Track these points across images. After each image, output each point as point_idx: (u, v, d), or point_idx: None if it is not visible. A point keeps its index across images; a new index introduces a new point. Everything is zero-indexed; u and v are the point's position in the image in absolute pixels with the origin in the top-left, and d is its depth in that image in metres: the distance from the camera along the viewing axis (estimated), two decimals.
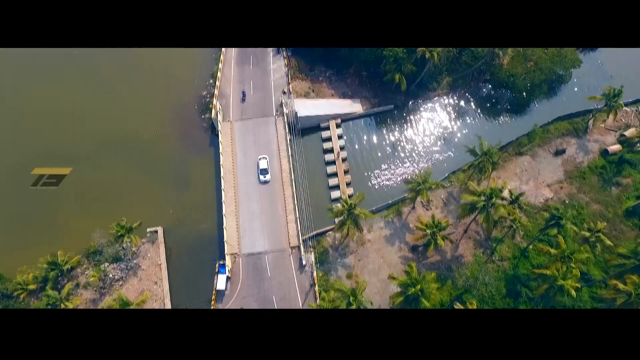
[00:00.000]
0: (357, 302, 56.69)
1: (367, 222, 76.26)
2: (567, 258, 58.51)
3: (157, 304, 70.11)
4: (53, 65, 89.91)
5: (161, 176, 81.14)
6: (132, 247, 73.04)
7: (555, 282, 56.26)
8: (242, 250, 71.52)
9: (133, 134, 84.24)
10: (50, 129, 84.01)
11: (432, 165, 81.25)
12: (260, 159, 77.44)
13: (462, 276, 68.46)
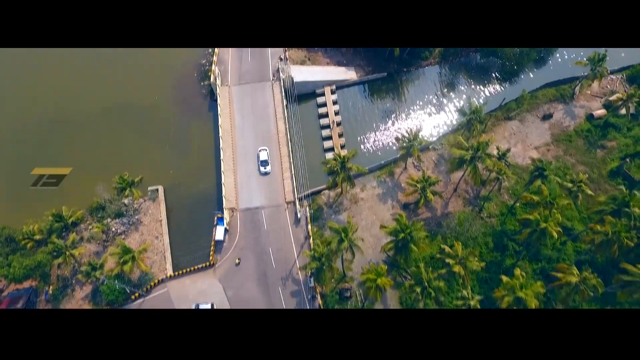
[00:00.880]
0: (348, 240, 59.44)
1: (360, 182, 79.14)
2: (550, 204, 61.28)
3: (157, 257, 72.83)
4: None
5: (162, 140, 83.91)
6: (134, 202, 75.90)
7: (538, 225, 59.01)
8: (240, 205, 74.34)
9: (135, 101, 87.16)
10: (55, 96, 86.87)
11: (423, 129, 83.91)
12: (261, 150, 77.73)
13: (450, 224, 71.27)
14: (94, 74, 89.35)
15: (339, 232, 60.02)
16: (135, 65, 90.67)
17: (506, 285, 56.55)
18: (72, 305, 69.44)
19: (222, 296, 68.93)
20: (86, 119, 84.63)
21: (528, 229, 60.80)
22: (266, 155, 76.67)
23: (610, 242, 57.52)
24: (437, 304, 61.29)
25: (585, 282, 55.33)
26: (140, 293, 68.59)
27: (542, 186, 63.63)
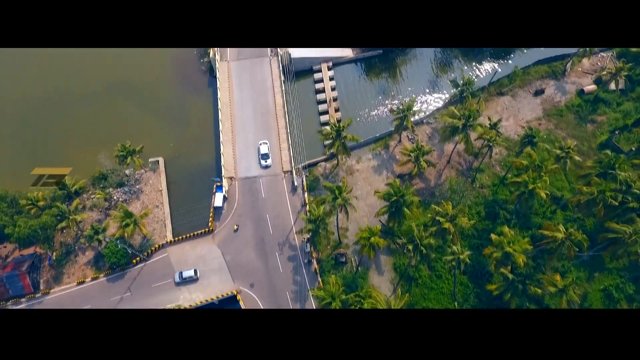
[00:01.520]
0: (342, 198, 61.38)
1: (356, 154, 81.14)
2: (538, 167, 63.23)
3: (158, 225, 74.82)
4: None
5: (162, 114, 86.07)
6: (135, 173, 77.98)
7: (526, 187, 60.97)
8: (238, 174, 76.38)
9: (136, 77, 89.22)
10: (58, 73, 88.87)
11: (417, 102, 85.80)
12: (261, 144, 77.99)
13: (442, 191, 73.30)
14: (96, 52, 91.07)
15: (333, 190, 61.98)
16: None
17: (495, 242, 58.50)
18: (75, 271, 71.51)
19: (221, 260, 70.95)
20: (89, 96, 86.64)
21: (517, 191, 62.71)
22: (267, 149, 76.74)
23: (595, 201, 59.45)
24: (428, 262, 63.29)
25: (570, 238, 57.26)
26: (142, 257, 70.58)
27: (531, 152, 65.54)
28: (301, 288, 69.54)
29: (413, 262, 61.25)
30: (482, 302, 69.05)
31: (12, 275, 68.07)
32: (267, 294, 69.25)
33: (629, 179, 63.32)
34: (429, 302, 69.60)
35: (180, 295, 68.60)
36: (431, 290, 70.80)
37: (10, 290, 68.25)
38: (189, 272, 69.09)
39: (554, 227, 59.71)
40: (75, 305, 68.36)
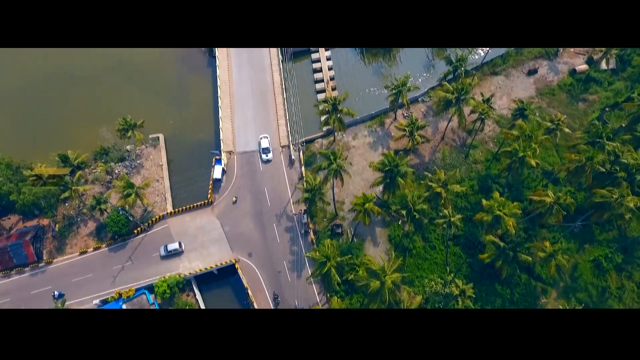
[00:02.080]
0: (337, 164, 63.10)
1: (352, 131, 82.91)
2: (528, 137, 64.98)
3: (158, 198, 76.55)
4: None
5: (163, 93, 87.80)
6: (136, 148, 79.73)
7: (516, 154, 62.73)
8: (237, 148, 78.16)
9: (137, 58, 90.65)
10: (59, 50, 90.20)
11: (412, 80, 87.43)
12: (262, 138, 78.08)
13: (436, 162, 75.09)
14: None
15: (328, 156, 63.70)
16: None
17: (486, 207, 60.27)
18: (78, 241, 73.23)
19: (220, 231, 72.69)
20: (90, 75, 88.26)
21: (508, 160, 64.45)
22: (267, 143, 77.30)
23: (583, 168, 61.15)
24: (421, 230, 64.99)
25: (559, 202, 59.01)
26: (142, 228, 72.32)
27: (522, 123, 67.26)
28: (298, 258, 71.28)
29: (406, 228, 62.99)
30: (474, 272, 70.80)
31: (16, 245, 69.80)
32: (265, 263, 71.02)
33: (617, 149, 65.04)
34: (422, 271, 71.32)
35: (180, 264, 70.35)
36: (425, 261, 72.55)
37: (15, 259, 69.96)
38: (174, 245, 70.34)
39: (543, 193, 61.44)
40: (77, 274, 70.14)
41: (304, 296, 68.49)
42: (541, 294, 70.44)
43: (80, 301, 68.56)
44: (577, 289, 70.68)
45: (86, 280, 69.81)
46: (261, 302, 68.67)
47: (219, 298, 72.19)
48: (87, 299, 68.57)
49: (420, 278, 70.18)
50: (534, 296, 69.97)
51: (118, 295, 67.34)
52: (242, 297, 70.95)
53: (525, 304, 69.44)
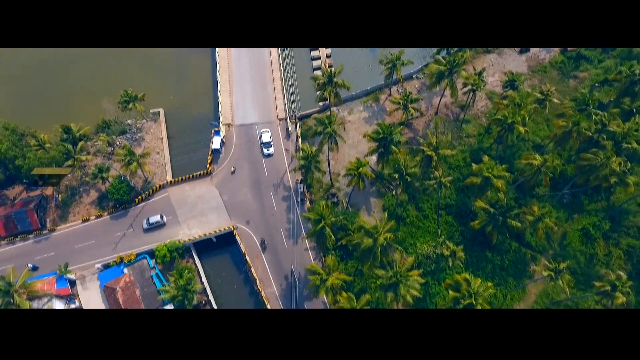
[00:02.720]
0: (332, 128, 65.11)
1: (347, 106, 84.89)
2: (518, 105, 67.00)
3: (159, 170, 78.51)
4: None
5: (163, 69, 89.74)
6: (137, 122, 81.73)
7: (506, 121, 64.79)
8: (235, 121, 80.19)
9: None
10: None
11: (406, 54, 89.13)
12: (263, 132, 78.34)
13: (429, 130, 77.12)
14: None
15: (323, 121, 65.68)
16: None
17: (475, 170, 62.33)
18: (80, 210, 75.23)
19: (219, 200, 74.72)
20: (94, 51, 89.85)
21: (498, 127, 66.47)
22: (269, 137, 77.63)
23: (570, 133, 63.16)
24: (413, 196, 66.99)
25: (546, 164, 61.06)
26: (143, 197, 74.33)
27: (512, 93, 69.25)
28: (294, 226, 73.31)
29: (398, 191, 64.98)
30: (465, 239, 72.71)
31: (20, 212, 71.82)
32: (262, 230, 73.08)
33: (604, 118, 67.08)
34: (415, 239, 73.24)
35: (180, 231, 72.37)
36: (418, 229, 74.53)
37: (19, 226, 71.95)
38: (155, 217, 71.78)
39: (530, 157, 63.53)
40: (79, 241, 72.10)
41: (300, 261, 70.50)
42: (531, 261, 72.43)
43: (83, 266, 70.60)
44: (566, 256, 72.49)
45: (88, 247, 71.81)
46: (258, 267, 70.73)
47: (217, 265, 74.27)
48: (90, 264, 70.60)
49: (413, 245, 72.16)
50: (523, 262, 71.95)
51: (120, 260, 69.34)
52: (240, 264, 73.06)
53: (515, 270, 71.47)
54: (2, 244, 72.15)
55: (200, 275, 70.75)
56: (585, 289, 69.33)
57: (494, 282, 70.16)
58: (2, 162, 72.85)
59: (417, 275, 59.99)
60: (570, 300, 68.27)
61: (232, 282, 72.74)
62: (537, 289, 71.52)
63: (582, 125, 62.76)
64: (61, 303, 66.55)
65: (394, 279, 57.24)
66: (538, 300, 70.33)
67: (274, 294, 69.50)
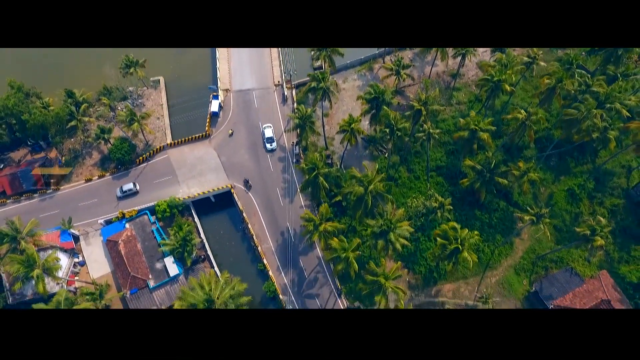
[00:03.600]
0: (324, 83, 67.73)
1: (342, 75, 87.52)
2: (504, 66, 69.65)
3: (159, 134, 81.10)
4: None
5: None
6: (137, 89, 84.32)
7: (492, 79, 67.47)
8: (233, 87, 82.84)
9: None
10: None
11: None
12: (265, 127, 79.07)
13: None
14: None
15: (317, 77, 68.29)
16: None
17: (462, 124, 65.01)
18: (83, 171, 77.85)
19: (217, 161, 77.38)
20: None
21: (486, 87, 69.11)
22: (271, 132, 78.28)
23: (554, 89, 65.77)
24: (403, 151, 69.66)
25: (530, 118, 63.70)
26: (144, 158, 76.94)
27: (499, 55, 71.86)
28: (290, 185, 75.96)
29: (389, 146, 67.55)
30: (455, 198, 75.08)
31: (25, 171, 74.47)
32: (259, 189, 75.74)
33: (588, 79, 69.70)
34: (407, 199, 75.85)
35: (179, 189, 75.00)
36: (410, 190, 77.14)
37: (24, 185, 74.55)
38: (128, 185, 73.86)
39: (516, 111, 66.18)
40: (83, 199, 74.71)
41: (295, 219, 73.09)
42: (518, 220, 75.05)
43: (87, 223, 73.21)
44: (552, 216, 75.09)
45: (92, 205, 74.44)
46: (255, 224, 73.34)
47: (215, 224, 76.91)
48: (93, 221, 73.20)
49: (405, 205, 74.77)
50: (511, 220, 74.54)
51: (121, 216, 71.96)
52: (237, 223, 75.73)
53: (502, 227, 74.06)
54: (8, 202, 74.75)
55: (199, 231, 73.37)
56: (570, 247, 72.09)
57: (483, 238, 72.92)
58: (7, 124, 75.36)
59: (407, 225, 62.62)
60: (554, 253, 70.97)
61: (230, 240, 75.38)
62: (524, 245, 74.18)
63: (565, 82, 65.32)
64: (65, 256, 69.13)
65: (384, 227, 59.86)
66: (525, 256, 73.04)
67: (270, 249, 72.16)
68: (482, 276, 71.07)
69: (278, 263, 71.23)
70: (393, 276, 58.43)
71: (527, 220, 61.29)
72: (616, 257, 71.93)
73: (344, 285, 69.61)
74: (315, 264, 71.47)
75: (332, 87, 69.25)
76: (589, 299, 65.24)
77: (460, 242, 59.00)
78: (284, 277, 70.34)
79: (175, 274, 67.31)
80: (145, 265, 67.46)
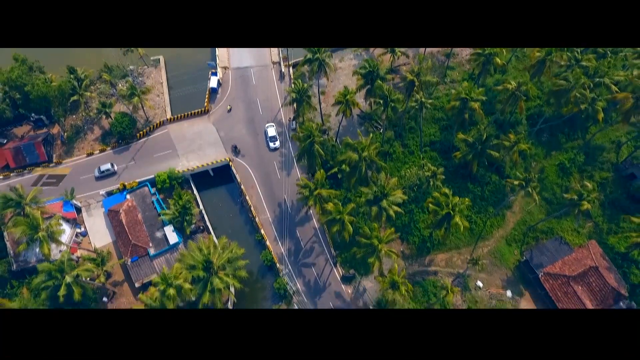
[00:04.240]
0: (320, 55, 69.49)
1: (339, 55, 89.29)
2: None
3: (159, 111, 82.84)
4: None
5: None
6: (138, 68, 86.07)
7: (484, 52, 69.33)
8: (231, 65, 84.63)
9: None
10: None
11: None
12: (268, 127, 79.40)
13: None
14: None
15: (313, 50, 70.04)
16: None
17: (454, 96, 66.92)
18: (85, 145, 79.58)
19: (216, 136, 79.17)
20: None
21: (478, 60, 70.93)
22: (274, 131, 79.00)
23: (544, 62, 67.62)
24: (394, 112, 71.39)
25: (520, 89, 65.52)
26: (144, 132, 78.71)
27: None
28: (287, 159, 77.75)
29: (383, 116, 69.40)
30: (448, 172, 76.63)
31: (28, 145, 76.22)
32: (257, 163, 77.58)
33: (577, 54, 71.48)
34: (401, 171, 77.59)
35: (179, 162, 76.77)
36: (404, 164, 78.92)
37: (27, 158, 76.29)
38: (106, 165, 75.19)
39: (506, 82, 68.02)
40: (84, 172, 76.43)
41: (292, 191, 74.85)
42: (510, 192, 76.82)
43: (88, 195, 74.93)
44: (543, 189, 76.97)
45: (93, 178, 76.14)
46: (253, 196, 75.13)
47: (214, 197, 78.69)
48: (94, 193, 74.95)
49: (398, 175, 76.47)
50: (502, 193, 76.32)
51: (122, 187, 73.72)
52: (235, 196, 77.55)
53: (494, 199, 75.83)
54: (12, 176, 76.46)
55: (198, 203, 75.13)
56: (560, 216, 73.91)
57: (475, 210, 74.81)
58: (11, 99, 77.05)
59: (401, 193, 64.41)
60: (545, 223, 72.82)
61: (228, 212, 77.17)
62: (515, 217, 76.01)
63: (555, 54, 67.13)
64: (68, 226, 70.85)
65: (378, 193, 61.64)
66: (516, 227, 74.87)
67: (268, 220, 73.95)
68: (474, 246, 72.83)
69: (275, 233, 73.01)
70: (386, 240, 60.18)
71: (516, 185, 63.02)
72: (605, 228, 73.73)
73: (339, 255, 71.40)
74: (312, 235, 73.28)
75: (327, 59, 70.89)
76: (578, 266, 67.08)
77: (452, 208, 60.76)
78: (281, 246, 72.14)
79: (175, 242, 69.08)
80: (145, 234, 69.22)
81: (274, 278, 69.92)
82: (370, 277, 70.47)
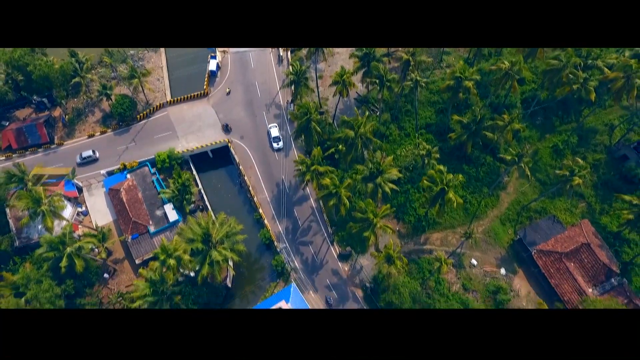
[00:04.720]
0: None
1: None
2: None
3: (159, 94, 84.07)
4: None
5: None
6: (138, 52, 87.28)
7: None
8: (230, 49, 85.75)
9: None
10: None
11: None
12: (271, 127, 79.32)
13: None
14: None
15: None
16: None
17: (448, 76, 68.15)
18: (86, 128, 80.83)
19: (215, 118, 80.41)
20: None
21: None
22: (277, 132, 78.66)
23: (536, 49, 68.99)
24: (390, 92, 72.67)
25: (513, 69, 66.76)
26: (145, 114, 79.95)
27: None
28: (285, 140, 78.96)
29: (380, 96, 70.66)
30: (444, 154, 77.85)
31: (30, 126, 77.40)
32: (255, 144, 78.81)
33: None
34: (397, 152, 78.81)
35: (178, 143, 78.01)
36: (400, 146, 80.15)
37: (29, 139, 77.48)
38: (88, 152, 75.98)
39: (499, 62, 69.27)
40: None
41: (290, 171, 76.10)
42: (504, 173, 78.11)
43: (89, 175, 76.16)
44: (537, 170, 78.23)
45: (94, 159, 77.37)
46: (251, 176, 76.36)
47: (213, 178, 79.97)
48: (96, 173, 76.19)
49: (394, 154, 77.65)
50: (497, 174, 77.53)
51: (123, 167, 74.94)
52: (234, 177, 78.82)
53: (488, 180, 77.05)
54: (14, 157, 77.68)
55: (198, 183, 76.38)
56: (553, 196, 75.20)
57: (469, 191, 76.06)
58: (13, 80, 78.28)
59: (396, 170, 65.67)
60: (538, 202, 74.08)
61: (227, 192, 78.44)
62: (509, 198, 77.26)
63: None
64: (69, 204, 72.06)
65: (373, 170, 62.91)
66: (510, 207, 76.12)
67: (266, 199, 75.20)
68: (469, 226, 74.06)
69: (273, 212, 74.27)
70: (382, 214, 61.42)
71: (509, 160, 64.31)
72: (598, 208, 75.01)
73: (335, 233, 72.66)
74: (309, 214, 74.52)
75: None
76: (570, 243, 68.35)
77: (446, 184, 62.03)
78: (278, 225, 73.39)
79: (175, 219, 70.33)
80: (146, 212, 70.46)
81: (272, 256, 71.16)
82: (366, 255, 71.71)
